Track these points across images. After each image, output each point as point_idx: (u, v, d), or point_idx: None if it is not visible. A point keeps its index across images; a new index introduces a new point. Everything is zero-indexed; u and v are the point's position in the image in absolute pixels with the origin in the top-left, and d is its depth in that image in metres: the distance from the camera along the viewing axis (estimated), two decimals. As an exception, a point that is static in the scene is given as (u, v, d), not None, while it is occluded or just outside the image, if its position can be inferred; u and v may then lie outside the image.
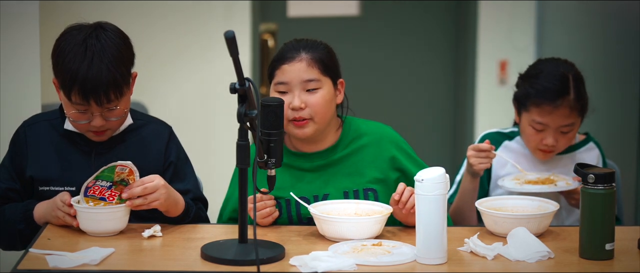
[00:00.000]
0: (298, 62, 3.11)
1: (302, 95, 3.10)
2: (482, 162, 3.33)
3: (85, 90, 2.95)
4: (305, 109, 3.10)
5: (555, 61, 3.49)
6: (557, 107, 3.38)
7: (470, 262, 2.77)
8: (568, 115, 3.40)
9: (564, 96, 3.39)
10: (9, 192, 3.11)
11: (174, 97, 5.41)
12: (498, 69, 5.90)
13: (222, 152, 5.26)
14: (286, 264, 2.72)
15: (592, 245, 2.77)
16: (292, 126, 3.12)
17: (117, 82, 2.98)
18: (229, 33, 2.62)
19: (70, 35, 3.02)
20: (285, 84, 3.11)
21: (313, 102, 3.10)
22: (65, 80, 2.97)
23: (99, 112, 3.00)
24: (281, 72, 3.13)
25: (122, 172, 2.97)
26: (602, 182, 2.74)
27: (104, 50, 2.97)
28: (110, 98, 2.98)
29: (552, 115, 3.39)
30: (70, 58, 2.97)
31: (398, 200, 2.98)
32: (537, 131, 3.43)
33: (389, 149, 3.21)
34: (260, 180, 2.95)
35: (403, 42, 6.19)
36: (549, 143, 3.42)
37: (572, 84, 3.40)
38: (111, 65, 2.97)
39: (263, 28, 5.81)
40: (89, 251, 2.76)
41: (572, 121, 3.42)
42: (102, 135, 3.07)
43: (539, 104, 3.40)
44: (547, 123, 3.41)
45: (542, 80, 3.41)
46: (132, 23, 5.29)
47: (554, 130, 3.42)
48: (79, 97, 2.97)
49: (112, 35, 3.02)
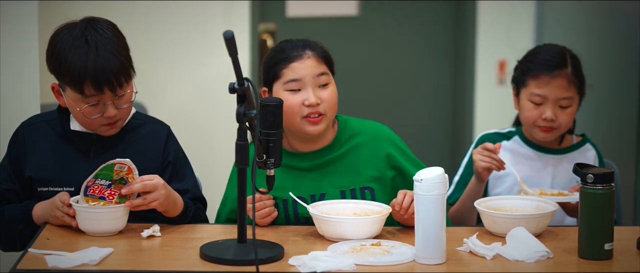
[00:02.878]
0: (307, 59, 3.12)
1: (316, 91, 3.11)
2: (484, 160, 3.32)
3: (98, 80, 2.98)
4: (320, 105, 3.11)
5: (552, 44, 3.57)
6: (555, 77, 3.43)
7: (469, 262, 2.77)
8: (566, 88, 3.43)
9: (562, 67, 3.45)
10: (7, 192, 3.11)
11: (173, 96, 5.41)
12: (497, 68, 5.90)
13: (221, 152, 5.26)
14: (285, 264, 2.72)
15: (591, 245, 2.77)
16: (307, 123, 3.12)
17: (124, 66, 3.03)
18: (228, 33, 2.62)
19: (64, 35, 3.03)
20: (297, 81, 3.11)
21: (326, 97, 3.12)
22: (74, 77, 2.99)
23: (110, 101, 3.03)
24: (291, 71, 3.12)
25: (121, 170, 2.97)
26: (601, 182, 2.74)
27: (104, 39, 3.02)
28: (122, 83, 3.03)
29: (550, 86, 3.43)
30: (74, 54, 2.99)
31: (398, 209, 2.99)
32: (536, 105, 3.45)
33: (385, 147, 3.22)
34: (259, 180, 2.95)
35: (402, 42, 6.19)
36: (548, 116, 3.44)
37: (569, 59, 3.47)
38: (115, 51, 3.02)
39: (262, 28, 5.81)
40: (88, 251, 2.76)
41: (570, 95, 3.44)
42: (114, 126, 3.09)
43: (537, 75, 3.45)
44: (546, 94, 3.43)
45: (540, 55, 3.50)
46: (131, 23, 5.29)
47: (552, 103, 3.44)
48: (92, 89, 2.99)
49: (105, 24, 3.07)
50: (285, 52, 3.14)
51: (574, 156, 3.55)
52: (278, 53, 3.15)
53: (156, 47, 5.36)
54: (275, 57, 3.16)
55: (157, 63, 5.37)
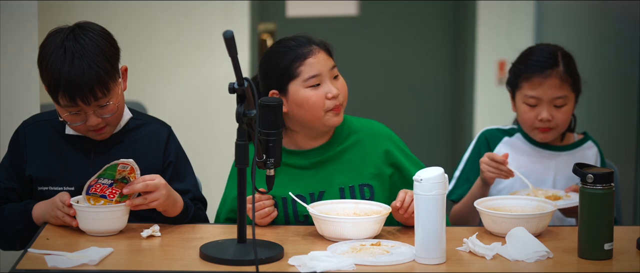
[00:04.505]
0: (319, 53, 3.13)
1: (334, 83, 3.14)
2: (493, 171, 3.34)
3: (70, 91, 2.94)
4: (339, 96, 3.13)
5: (545, 44, 3.57)
6: (547, 77, 3.43)
7: (469, 261, 2.77)
8: (559, 87, 3.44)
9: (553, 67, 3.45)
10: (8, 192, 3.11)
11: (173, 97, 5.41)
12: (497, 68, 5.90)
13: (221, 152, 5.26)
14: (285, 264, 2.72)
15: (591, 245, 2.77)
16: (332, 115, 3.13)
17: (101, 78, 2.96)
18: (228, 33, 2.62)
19: (50, 40, 3.00)
20: (317, 76, 3.12)
21: (342, 88, 3.16)
22: (50, 85, 2.97)
23: (91, 111, 2.99)
24: (308, 67, 3.12)
25: (124, 170, 2.97)
26: (601, 182, 2.74)
27: (83, 48, 2.95)
28: (97, 95, 2.96)
29: (542, 87, 3.43)
30: (52, 62, 2.95)
31: (399, 207, 2.99)
32: (531, 107, 3.46)
33: (383, 144, 3.22)
34: (259, 180, 2.95)
35: (402, 42, 6.19)
36: (544, 117, 3.45)
37: (561, 58, 3.47)
38: (92, 62, 2.95)
39: (262, 28, 5.81)
40: (87, 251, 2.76)
41: (564, 94, 3.44)
42: (102, 132, 3.07)
43: (529, 77, 3.46)
44: (539, 96, 3.44)
45: (532, 56, 3.50)
46: (130, 23, 5.31)
47: (547, 103, 3.44)
48: (66, 99, 2.96)
49: (91, 33, 3.00)
50: (294, 50, 3.13)
51: (576, 154, 3.55)
52: (286, 54, 3.13)
53: (156, 47, 5.36)
54: (284, 58, 3.13)
55: (157, 63, 5.37)
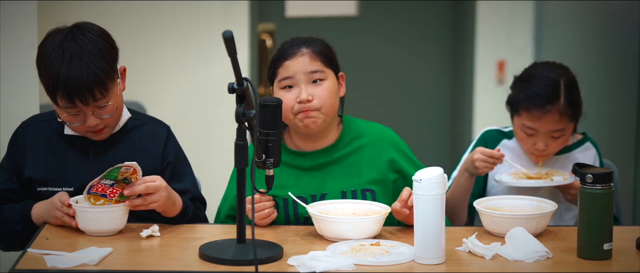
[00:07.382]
0: (300, 57, 3.12)
1: (308, 88, 3.11)
2: (489, 167, 3.34)
3: (69, 91, 2.94)
4: (312, 101, 3.10)
5: (549, 66, 3.49)
6: (547, 112, 3.39)
7: (468, 261, 2.77)
8: (558, 121, 3.41)
9: (554, 102, 3.39)
10: (7, 192, 3.11)
11: (173, 97, 5.41)
12: (496, 69, 5.90)
13: (221, 152, 5.26)
14: (284, 264, 2.72)
15: (591, 245, 2.77)
16: (299, 119, 3.11)
17: (100, 78, 2.96)
18: (227, 33, 2.63)
19: (49, 40, 3.00)
20: (289, 78, 3.12)
21: (320, 94, 3.11)
22: (48, 85, 2.97)
23: (90, 112, 2.99)
24: (284, 69, 3.13)
25: (126, 171, 2.96)
26: (600, 182, 2.74)
27: (81, 49, 2.95)
28: (96, 96, 2.97)
29: (541, 121, 3.40)
30: (50, 62, 2.95)
31: (403, 205, 2.98)
32: (528, 136, 3.45)
33: (388, 151, 3.21)
34: (259, 180, 2.95)
35: (401, 42, 6.19)
36: (539, 147, 3.44)
37: (562, 89, 3.41)
38: (91, 63, 2.95)
39: (261, 28, 5.81)
40: (87, 251, 2.76)
41: (562, 127, 3.42)
42: (101, 133, 3.07)
43: (529, 108, 3.41)
44: (537, 128, 3.42)
45: (533, 85, 3.43)
46: (130, 23, 5.31)
47: (544, 135, 3.43)
48: (64, 100, 2.96)
49: (90, 34, 3.00)
50: (283, 51, 3.16)
51: (575, 155, 3.55)
52: (277, 52, 3.18)
53: (155, 47, 5.36)
54: (274, 56, 3.18)
55: (157, 63, 5.37)
